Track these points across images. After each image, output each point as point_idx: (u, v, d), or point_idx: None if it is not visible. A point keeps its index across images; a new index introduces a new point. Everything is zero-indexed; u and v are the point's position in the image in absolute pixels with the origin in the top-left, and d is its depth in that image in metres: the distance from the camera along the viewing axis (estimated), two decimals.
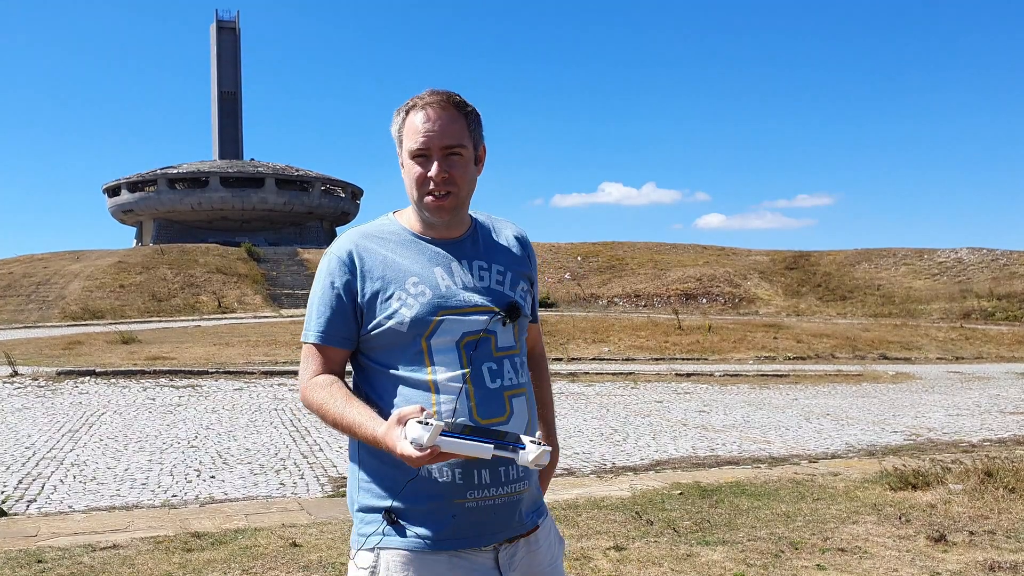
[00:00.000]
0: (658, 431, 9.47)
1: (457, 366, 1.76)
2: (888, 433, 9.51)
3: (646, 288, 39.04)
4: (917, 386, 14.90)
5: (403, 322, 1.76)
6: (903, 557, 4.51)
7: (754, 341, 21.32)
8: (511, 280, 1.89)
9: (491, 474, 1.75)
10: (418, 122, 1.79)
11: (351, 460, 1.86)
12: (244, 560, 4.54)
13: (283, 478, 6.99)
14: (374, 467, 1.79)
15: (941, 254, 40.94)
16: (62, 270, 39.48)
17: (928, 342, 22.85)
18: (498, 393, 1.78)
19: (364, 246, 1.81)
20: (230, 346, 19.27)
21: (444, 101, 1.79)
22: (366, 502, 1.80)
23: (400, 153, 1.85)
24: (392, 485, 1.75)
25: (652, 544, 4.78)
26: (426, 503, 1.74)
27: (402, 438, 1.55)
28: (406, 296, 1.77)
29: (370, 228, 1.87)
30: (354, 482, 1.84)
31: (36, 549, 4.79)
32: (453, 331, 1.77)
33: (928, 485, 5.97)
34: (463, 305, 1.79)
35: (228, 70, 69.66)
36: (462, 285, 1.81)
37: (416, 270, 1.80)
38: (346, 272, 1.79)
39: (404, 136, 1.82)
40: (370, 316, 1.79)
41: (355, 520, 1.84)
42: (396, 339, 1.77)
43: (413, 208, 1.86)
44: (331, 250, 1.83)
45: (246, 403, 11.54)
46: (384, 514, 1.75)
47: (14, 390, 12.68)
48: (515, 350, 1.84)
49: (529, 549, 1.84)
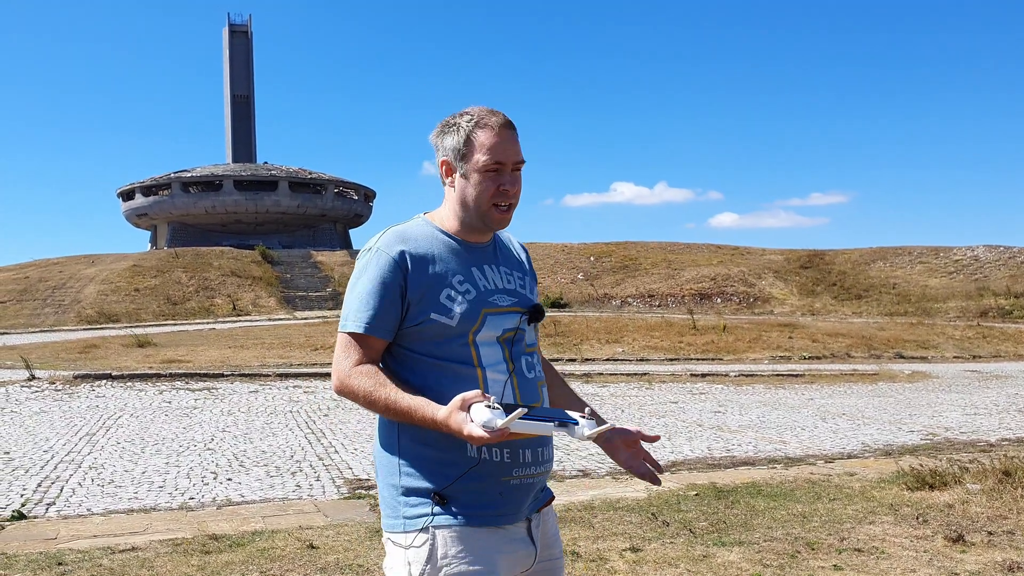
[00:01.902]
0: (673, 432, 9.46)
1: (500, 358, 1.95)
2: (905, 433, 9.46)
3: (660, 288, 38.96)
4: (934, 385, 14.82)
5: (453, 316, 1.91)
6: (920, 557, 4.48)
7: (769, 341, 21.25)
8: (529, 285, 2.12)
9: (532, 454, 1.94)
10: (490, 139, 1.95)
11: (386, 449, 1.96)
12: (262, 562, 4.57)
13: (299, 480, 7.02)
14: (419, 453, 1.90)
15: (957, 252, 40.68)
16: (77, 274, 39.75)
17: (945, 341, 22.71)
18: (533, 383, 2.01)
19: (412, 244, 1.94)
20: (245, 348, 19.36)
21: (508, 122, 1.98)
22: (412, 485, 1.90)
23: (457, 165, 1.98)
24: (439, 469, 1.88)
25: (668, 545, 4.78)
26: (477, 482, 1.88)
27: (468, 421, 1.72)
28: (455, 293, 1.93)
29: (412, 229, 1.99)
30: (392, 468, 1.93)
31: (56, 552, 4.83)
32: (495, 327, 1.96)
33: (945, 485, 5.93)
34: (500, 304, 1.99)
35: (241, 73, 70.02)
36: (495, 286, 2.01)
37: (460, 270, 1.96)
38: (396, 268, 1.90)
39: (471, 151, 1.96)
40: (419, 310, 1.91)
41: (395, 504, 1.92)
42: (444, 331, 1.91)
43: (456, 214, 2.01)
44: (378, 247, 1.93)
45: (262, 405, 11.59)
46: (433, 496, 1.88)
47: (32, 394, 12.78)
48: (536, 347, 2.09)
49: (544, 519, 2.04)
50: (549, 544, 2.03)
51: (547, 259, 43.61)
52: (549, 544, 2.03)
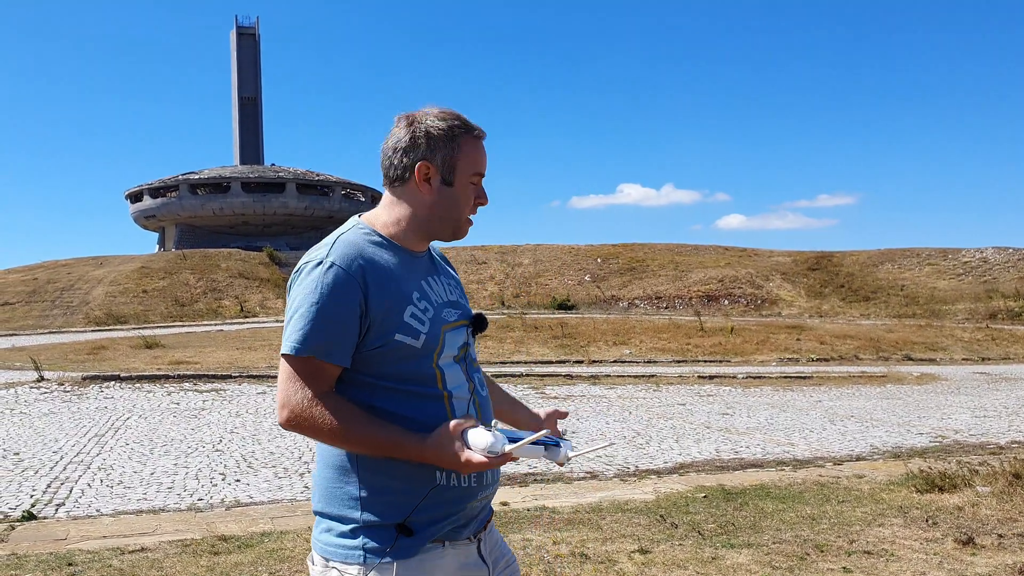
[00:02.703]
0: (681, 434, 9.45)
1: (462, 377, 1.84)
2: (913, 435, 9.44)
3: (667, 290, 38.92)
4: (942, 387, 14.77)
5: (419, 337, 1.76)
6: (931, 560, 4.47)
7: (777, 343, 21.21)
8: (463, 293, 1.98)
9: (491, 475, 1.85)
10: (475, 148, 1.84)
11: (340, 479, 1.78)
12: (270, 563, 4.58)
13: (307, 481, 7.03)
14: (380, 484, 1.75)
15: (966, 254, 40.55)
16: (86, 276, 39.90)
17: (953, 343, 22.63)
18: (487, 400, 1.91)
19: (367, 258, 1.75)
20: (253, 350, 19.40)
21: (483, 130, 1.87)
22: (374, 517, 1.75)
23: (443, 173, 1.82)
24: (403, 499, 1.75)
25: (677, 547, 4.77)
26: (443, 508, 1.77)
27: (463, 448, 1.64)
28: (417, 311, 1.78)
29: (360, 238, 1.79)
30: (347, 500, 1.77)
31: (66, 552, 4.84)
32: (452, 345, 1.83)
33: (955, 487, 5.91)
34: (449, 319, 1.85)
35: (248, 76, 70.24)
36: (443, 300, 1.87)
37: (415, 285, 1.81)
38: (354, 285, 1.70)
39: (459, 159, 1.82)
40: (380, 332, 1.73)
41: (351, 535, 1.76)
42: (407, 354, 1.75)
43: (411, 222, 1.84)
44: (332, 261, 1.72)
45: (269, 407, 11.61)
46: (397, 528, 1.74)
47: (41, 395, 12.83)
48: (477, 360, 1.95)
49: (488, 536, 1.93)
50: (499, 555, 1.94)
51: (554, 261, 43.62)
52: (499, 555, 1.94)
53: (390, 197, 1.86)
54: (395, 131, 1.84)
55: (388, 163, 1.84)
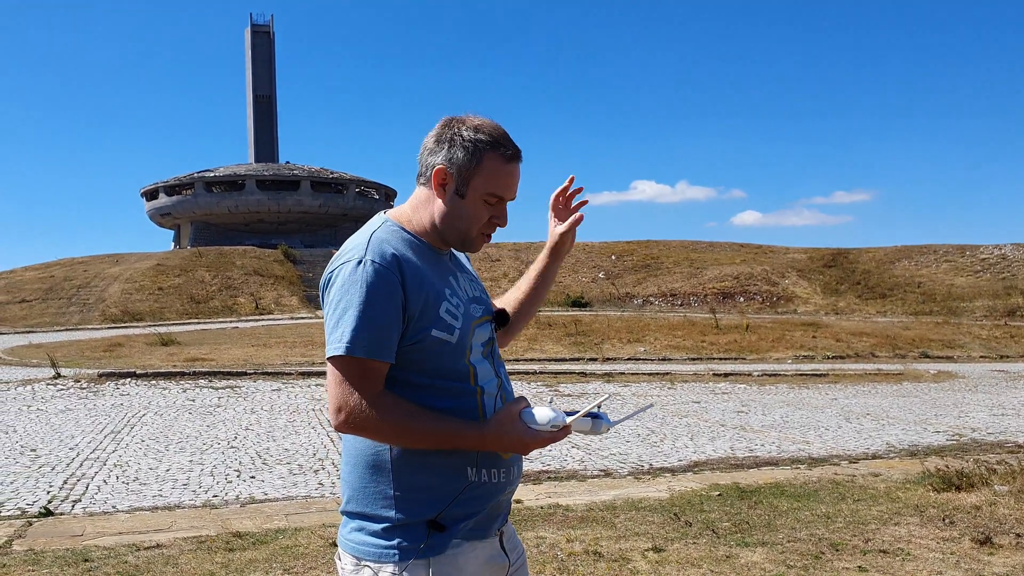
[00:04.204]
0: (696, 432, 9.42)
1: (491, 373, 1.86)
2: (930, 433, 9.37)
3: (682, 287, 38.81)
4: (960, 385, 14.66)
5: (454, 332, 1.77)
6: (947, 559, 4.43)
7: (792, 340, 21.11)
8: (484, 289, 2.00)
9: (516, 470, 1.88)
10: (499, 168, 1.81)
11: (372, 476, 1.78)
12: (285, 560, 4.59)
13: (321, 478, 7.05)
14: (414, 482, 1.75)
15: (984, 250, 40.24)
16: (102, 273, 40.15)
17: (971, 340, 22.47)
18: (512, 392, 1.93)
19: (402, 254, 1.75)
20: (268, 347, 19.47)
21: (519, 153, 1.85)
22: (408, 514, 1.75)
23: (457, 181, 1.81)
24: (438, 497, 1.76)
25: (691, 545, 4.75)
26: (474, 505, 1.78)
27: (528, 428, 1.69)
28: (451, 307, 1.78)
29: (392, 235, 1.80)
30: (375, 498, 1.77)
31: (83, 548, 4.87)
32: (479, 340, 1.85)
33: (972, 486, 5.86)
34: (476, 315, 1.87)
35: (263, 74, 70.39)
36: (469, 295, 1.89)
37: (445, 280, 1.82)
38: (394, 282, 1.70)
39: (478, 173, 1.80)
40: (419, 327, 1.73)
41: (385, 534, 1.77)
42: (442, 350, 1.76)
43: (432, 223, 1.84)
44: (371, 258, 1.71)
45: (284, 404, 11.65)
46: (428, 524, 1.75)
47: (57, 392, 12.92)
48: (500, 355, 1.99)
49: (507, 529, 1.96)
50: (514, 549, 1.95)
51: (568, 258, 43.32)
52: (514, 549, 1.95)
53: (417, 195, 1.87)
54: (433, 130, 1.85)
55: (420, 160, 1.86)
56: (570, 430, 1.72)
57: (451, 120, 1.83)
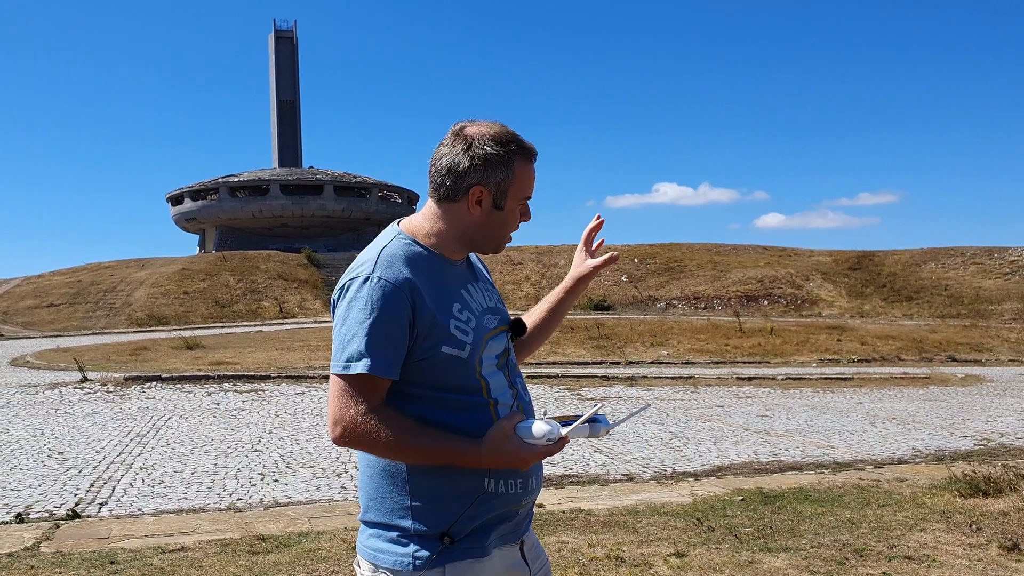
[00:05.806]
0: (719, 436, 9.37)
1: (505, 384, 1.86)
2: (957, 438, 9.26)
3: (705, 290, 38.64)
4: (988, 389, 14.48)
5: (465, 348, 1.77)
6: (974, 566, 4.38)
7: (817, 343, 20.96)
8: (500, 298, 2.00)
9: (535, 480, 1.88)
10: (530, 172, 1.85)
11: (388, 485, 1.79)
12: (308, 563, 4.61)
13: (344, 482, 7.08)
14: (430, 491, 1.77)
15: (1013, 252, 39.75)
16: (128, 277, 40.58)
17: (999, 344, 22.19)
18: (530, 404, 1.94)
19: (412, 270, 1.75)
20: (291, 351, 19.59)
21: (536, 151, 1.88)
22: (425, 522, 1.76)
23: (496, 197, 1.81)
24: (453, 507, 1.77)
25: (713, 551, 4.73)
26: (490, 514, 1.79)
27: (523, 443, 1.70)
28: (460, 323, 1.78)
29: (403, 250, 1.79)
30: (392, 507, 1.78)
31: (109, 551, 4.93)
32: (493, 352, 1.85)
33: (1000, 492, 5.79)
34: (490, 327, 1.87)
35: (286, 79, 70.93)
36: (483, 307, 1.88)
37: (455, 295, 1.82)
38: (403, 299, 1.71)
39: (513, 183, 1.82)
40: (428, 344, 1.74)
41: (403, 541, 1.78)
42: (453, 365, 1.76)
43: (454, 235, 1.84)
44: (380, 276, 1.71)
45: (308, 407, 11.71)
46: (444, 533, 1.76)
47: (84, 395, 13.07)
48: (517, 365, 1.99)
49: (528, 532, 1.97)
50: (536, 559, 1.95)
51: None
52: (536, 559, 1.95)
53: (436, 210, 1.84)
54: (451, 148, 1.81)
55: (440, 180, 1.81)
56: (567, 441, 1.72)
57: (469, 138, 1.80)
